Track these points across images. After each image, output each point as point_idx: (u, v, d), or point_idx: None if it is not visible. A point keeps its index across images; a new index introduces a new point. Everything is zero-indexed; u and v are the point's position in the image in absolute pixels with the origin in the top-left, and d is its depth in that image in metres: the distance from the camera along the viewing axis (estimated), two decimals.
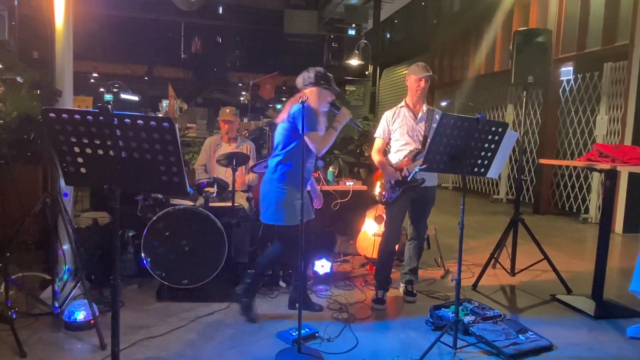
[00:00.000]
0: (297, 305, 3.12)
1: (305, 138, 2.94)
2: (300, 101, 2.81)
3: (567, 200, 8.37)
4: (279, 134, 3.15)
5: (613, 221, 6.65)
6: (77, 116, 1.79)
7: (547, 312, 3.60)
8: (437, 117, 3.49)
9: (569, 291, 3.99)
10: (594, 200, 7.63)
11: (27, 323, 2.99)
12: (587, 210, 7.83)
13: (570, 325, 3.34)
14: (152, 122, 1.78)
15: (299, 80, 3.16)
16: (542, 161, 4.60)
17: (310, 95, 3.07)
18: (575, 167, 8.05)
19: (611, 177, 3.55)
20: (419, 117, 3.61)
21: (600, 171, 3.60)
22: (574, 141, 8.26)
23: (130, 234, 4.11)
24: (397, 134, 3.63)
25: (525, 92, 4.45)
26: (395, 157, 3.66)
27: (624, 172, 6.35)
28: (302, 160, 2.75)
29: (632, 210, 6.72)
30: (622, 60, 7.16)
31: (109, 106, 1.76)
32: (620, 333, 3.22)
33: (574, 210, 8.18)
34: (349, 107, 3.37)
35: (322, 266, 4.11)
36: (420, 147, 3.54)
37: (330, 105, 3.17)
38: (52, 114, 1.81)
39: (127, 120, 1.78)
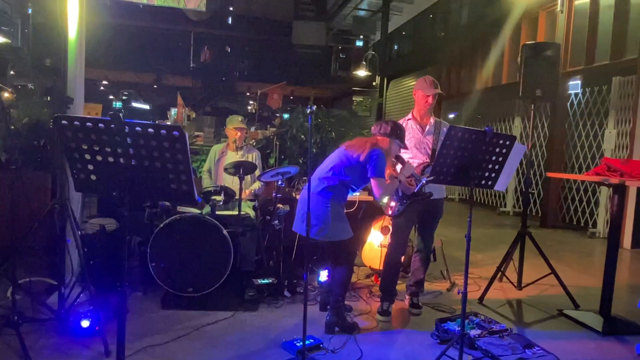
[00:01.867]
0: (336, 329, 3.22)
1: (373, 181, 3.18)
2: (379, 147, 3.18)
3: (575, 215, 8.31)
4: (339, 161, 3.26)
5: (621, 236, 6.59)
6: (88, 124, 1.81)
7: (554, 327, 3.57)
8: (445, 129, 3.50)
9: (576, 306, 3.95)
10: (602, 215, 7.57)
11: (32, 328, 3.00)
12: (595, 225, 7.76)
13: (577, 341, 3.31)
14: (163, 131, 1.80)
15: (376, 127, 3.36)
16: (550, 174, 4.59)
17: (383, 144, 3.25)
18: (583, 181, 8.00)
19: (620, 191, 3.52)
20: (426, 129, 3.61)
21: (608, 186, 3.58)
22: (581, 155, 8.22)
23: (137, 241, 4.13)
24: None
25: (533, 105, 4.45)
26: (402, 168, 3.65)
27: (633, 186, 6.30)
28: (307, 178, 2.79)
29: None
30: (631, 75, 7.14)
31: (121, 114, 1.78)
32: (628, 350, 3.18)
33: (582, 224, 8.11)
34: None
35: (327, 276, 4.09)
36: (428, 160, 3.53)
37: (395, 158, 3.37)
38: (64, 121, 1.83)
39: (138, 128, 1.79)
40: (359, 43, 17.35)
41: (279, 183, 3.94)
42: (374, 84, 15.64)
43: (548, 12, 8.80)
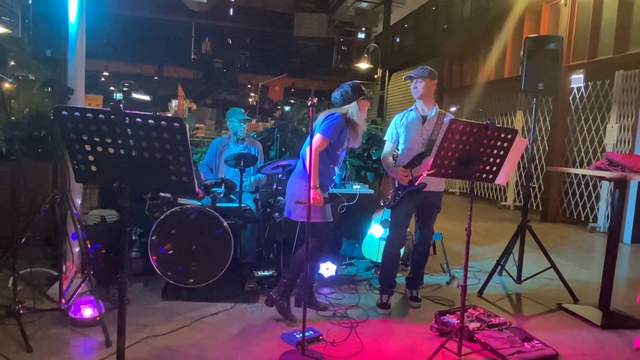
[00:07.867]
0: (302, 302, 3.15)
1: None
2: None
3: (576, 209, 8.31)
4: None
5: (621, 231, 6.59)
6: (89, 115, 1.80)
7: (553, 321, 3.58)
8: (447, 120, 3.48)
9: (575, 300, 3.96)
10: (603, 209, 7.57)
11: (33, 318, 3.02)
12: (595, 219, 7.76)
13: (576, 335, 3.32)
14: (163, 122, 1.79)
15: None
16: (551, 169, 4.58)
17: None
18: (584, 176, 7.99)
19: (621, 186, 3.52)
20: (427, 119, 3.60)
21: (610, 180, 3.57)
22: (583, 149, 8.20)
23: (138, 232, 4.13)
24: (404, 137, 3.62)
25: (535, 99, 4.43)
26: (401, 159, 3.65)
27: (634, 181, 6.29)
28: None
29: None
30: (634, 69, 7.11)
31: (121, 105, 1.77)
32: (627, 344, 3.19)
33: (582, 218, 8.11)
34: None
35: (328, 269, 4.11)
36: (424, 150, 3.50)
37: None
38: (64, 112, 1.82)
39: (138, 119, 1.79)
40: (361, 35, 17.30)
41: (280, 176, 3.94)
42: (375, 76, 15.59)
43: (551, 5, 8.73)
